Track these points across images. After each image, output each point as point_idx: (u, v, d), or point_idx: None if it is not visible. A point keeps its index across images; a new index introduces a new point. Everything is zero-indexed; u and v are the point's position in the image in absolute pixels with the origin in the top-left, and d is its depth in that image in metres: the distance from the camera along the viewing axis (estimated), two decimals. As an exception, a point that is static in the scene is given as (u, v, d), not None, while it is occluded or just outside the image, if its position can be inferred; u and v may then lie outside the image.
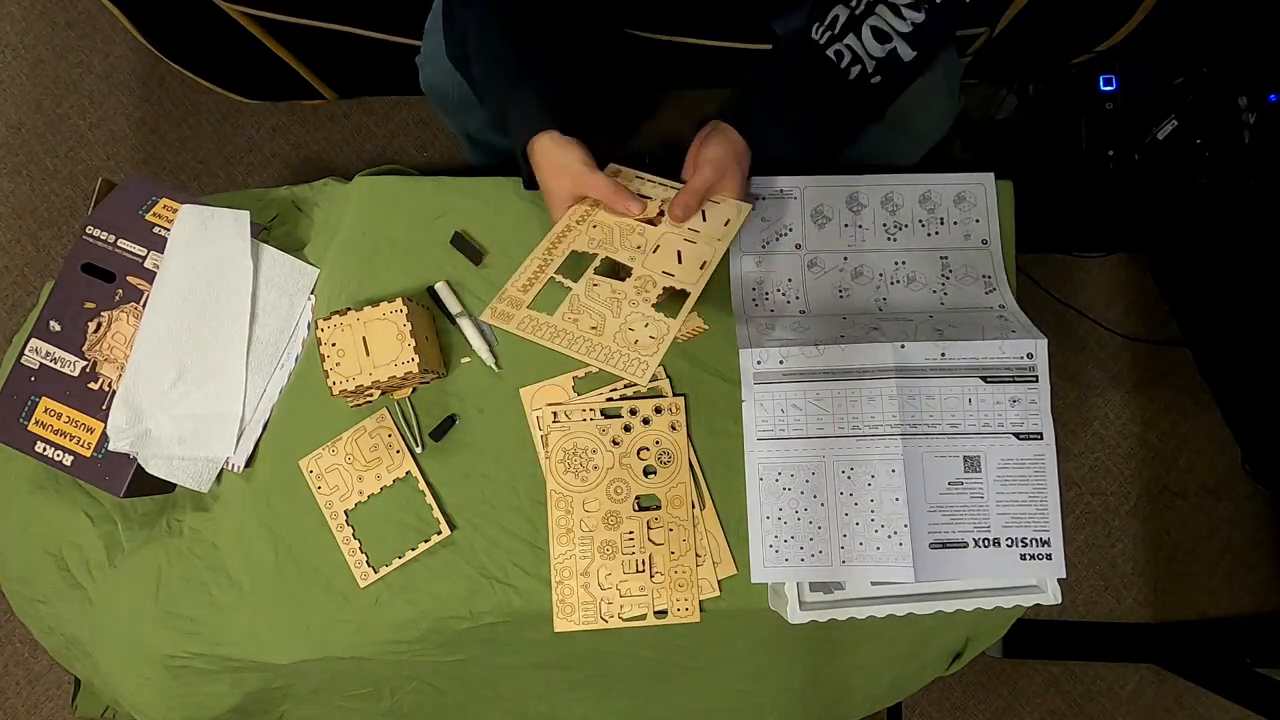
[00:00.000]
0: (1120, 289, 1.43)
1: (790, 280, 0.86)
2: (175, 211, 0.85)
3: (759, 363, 0.81)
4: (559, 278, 0.77)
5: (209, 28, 1.09)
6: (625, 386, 0.84)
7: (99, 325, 0.84)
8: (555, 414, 0.83)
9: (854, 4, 0.74)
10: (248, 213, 0.85)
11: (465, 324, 0.85)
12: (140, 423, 0.82)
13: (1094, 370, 1.42)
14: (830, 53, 0.74)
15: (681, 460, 0.83)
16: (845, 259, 0.87)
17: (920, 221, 0.87)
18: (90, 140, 1.51)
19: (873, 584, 0.79)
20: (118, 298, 0.85)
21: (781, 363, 0.80)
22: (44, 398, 0.83)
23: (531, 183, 0.81)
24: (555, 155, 0.77)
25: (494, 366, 0.84)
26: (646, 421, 0.83)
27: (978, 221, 0.87)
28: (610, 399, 0.84)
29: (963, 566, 0.77)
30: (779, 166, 0.86)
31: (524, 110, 0.78)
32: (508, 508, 0.84)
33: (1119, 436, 1.41)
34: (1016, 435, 0.78)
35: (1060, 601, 0.77)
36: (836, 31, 0.74)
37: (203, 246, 0.84)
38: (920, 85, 0.82)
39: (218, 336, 0.85)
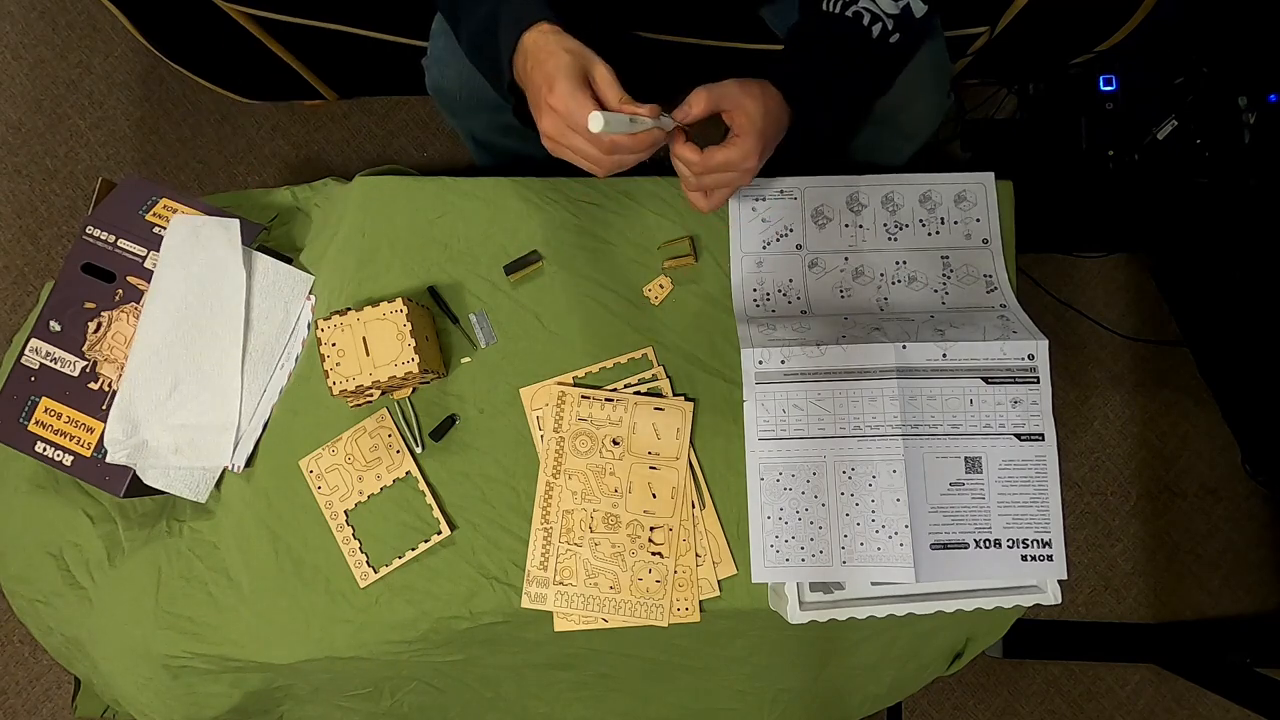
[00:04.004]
0: (1120, 289, 1.43)
1: (791, 280, 0.86)
2: (175, 212, 0.85)
3: (760, 363, 0.80)
4: (566, 545, 0.82)
5: (209, 28, 1.09)
6: (625, 386, 0.84)
7: (99, 325, 0.84)
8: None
9: None
10: (237, 221, 0.84)
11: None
12: (137, 434, 0.81)
13: (1094, 370, 1.42)
14: (849, 14, 0.74)
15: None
16: (846, 259, 0.87)
17: (921, 221, 0.87)
18: (90, 140, 1.51)
19: (873, 584, 0.79)
20: (118, 298, 0.84)
21: (783, 363, 0.80)
22: (44, 398, 0.83)
23: (521, 108, 0.69)
24: (556, 40, 0.63)
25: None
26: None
27: (978, 221, 0.87)
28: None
29: (963, 567, 0.77)
30: (808, 147, 0.81)
31: (516, 10, 0.65)
32: (508, 508, 0.83)
33: (1119, 436, 1.41)
34: (1018, 436, 0.78)
35: (1060, 601, 0.77)
36: None
37: (195, 256, 0.84)
38: (908, 82, 0.81)
39: (212, 346, 0.84)
